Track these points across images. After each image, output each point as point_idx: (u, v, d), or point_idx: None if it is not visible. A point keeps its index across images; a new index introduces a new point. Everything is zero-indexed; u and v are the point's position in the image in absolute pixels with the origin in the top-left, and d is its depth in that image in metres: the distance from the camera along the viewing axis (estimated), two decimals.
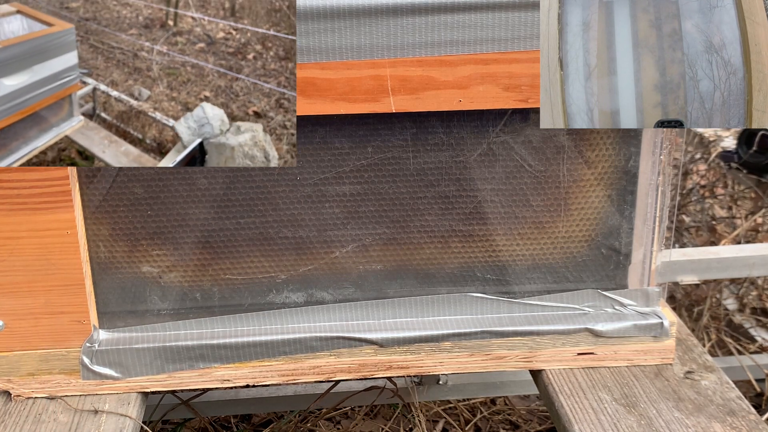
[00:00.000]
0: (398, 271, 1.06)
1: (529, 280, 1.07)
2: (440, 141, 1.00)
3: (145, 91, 1.26)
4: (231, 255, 1.03)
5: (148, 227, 1.01)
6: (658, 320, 1.07)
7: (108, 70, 1.33)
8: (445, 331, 1.05)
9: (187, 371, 1.05)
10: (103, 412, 1.01)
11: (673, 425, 0.98)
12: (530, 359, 1.08)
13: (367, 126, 0.99)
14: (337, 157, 1.00)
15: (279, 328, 1.06)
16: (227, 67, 1.29)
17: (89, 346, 1.02)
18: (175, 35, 1.43)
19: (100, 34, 1.45)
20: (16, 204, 0.95)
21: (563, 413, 1.01)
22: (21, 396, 1.04)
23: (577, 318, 1.07)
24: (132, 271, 1.03)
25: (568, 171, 1.03)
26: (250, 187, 1.00)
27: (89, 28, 1.46)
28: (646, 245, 1.06)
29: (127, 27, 1.46)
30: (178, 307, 1.05)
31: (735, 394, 1.04)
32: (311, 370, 1.06)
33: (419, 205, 1.03)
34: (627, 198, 1.04)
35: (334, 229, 1.03)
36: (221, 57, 1.33)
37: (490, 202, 1.03)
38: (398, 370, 1.07)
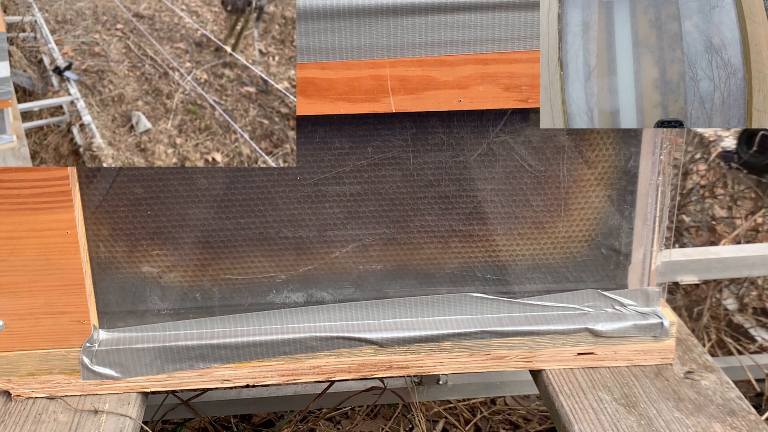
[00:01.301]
0: (398, 271, 1.06)
1: (529, 280, 1.07)
2: (440, 141, 1.00)
3: (145, 121, 1.10)
4: (231, 255, 1.03)
5: (148, 227, 1.01)
6: (658, 320, 1.07)
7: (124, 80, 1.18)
8: (445, 331, 1.05)
9: (187, 371, 1.05)
10: (103, 412, 1.01)
11: (673, 425, 0.98)
12: (530, 359, 1.08)
13: (367, 126, 0.99)
14: (337, 157, 1.00)
15: (279, 328, 1.06)
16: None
17: (89, 346, 1.02)
18: (225, 65, 1.19)
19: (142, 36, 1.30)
20: (16, 204, 0.95)
21: (563, 413, 1.01)
22: (21, 396, 1.04)
23: (577, 318, 1.07)
24: (132, 271, 1.03)
25: (568, 171, 1.03)
26: (250, 187, 1.00)
27: (135, 27, 1.31)
28: (646, 245, 1.06)
29: (179, 38, 1.28)
30: (178, 307, 1.05)
31: (735, 394, 1.04)
32: (311, 370, 1.06)
33: (419, 205, 1.03)
34: (627, 198, 1.04)
35: (334, 229, 1.03)
36: (265, 115, 1.07)
37: (490, 202, 1.03)
38: (398, 370, 1.07)
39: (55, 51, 1.30)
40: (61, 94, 1.21)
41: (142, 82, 1.17)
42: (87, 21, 1.33)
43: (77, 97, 1.20)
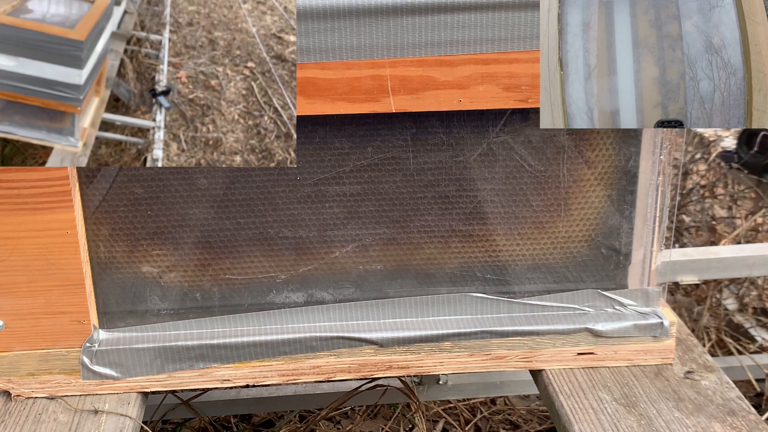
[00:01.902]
0: (398, 271, 1.06)
1: (529, 280, 1.07)
2: (440, 141, 1.00)
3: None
4: (231, 255, 1.03)
5: (148, 227, 1.01)
6: (658, 320, 1.07)
7: (230, 124, 1.01)
8: (445, 331, 1.05)
9: (187, 371, 1.05)
10: (103, 412, 1.01)
11: (673, 425, 0.98)
12: (530, 359, 1.08)
13: (367, 126, 0.99)
14: (337, 157, 1.00)
15: (279, 328, 1.06)
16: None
17: (89, 346, 1.02)
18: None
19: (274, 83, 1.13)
20: (16, 204, 0.95)
21: (563, 413, 1.01)
22: (21, 396, 1.04)
23: (577, 318, 1.07)
24: (132, 271, 1.03)
25: (568, 171, 1.03)
26: (250, 187, 1.00)
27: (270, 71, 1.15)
28: (646, 245, 1.06)
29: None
30: (178, 307, 1.05)
31: (735, 394, 1.04)
32: (311, 370, 1.06)
33: (419, 205, 1.03)
34: (627, 198, 1.04)
35: (334, 229, 1.03)
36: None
37: (490, 202, 1.03)
38: (398, 370, 1.07)
39: (164, 73, 1.23)
40: (148, 117, 1.14)
41: (252, 135, 1.02)
42: (216, 51, 1.24)
43: (159, 126, 1.14)
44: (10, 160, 1.00)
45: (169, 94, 1.17)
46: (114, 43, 1.23)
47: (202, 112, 1.12)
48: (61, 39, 0.88)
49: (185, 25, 1.30)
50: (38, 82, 0.92)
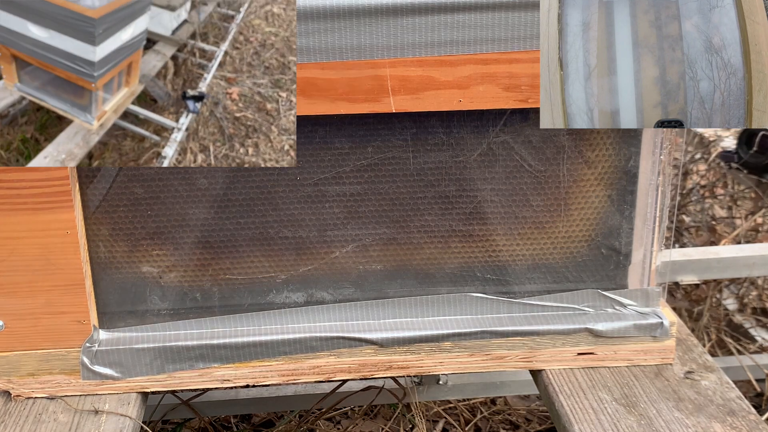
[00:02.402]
0: (398, 271, 1.06)
1: (529, 280, 1.07)
2: (440, 141, 1.00)
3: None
4: (231, 255, 1.03)
5: (148, 227, 1.01)
6: (658, 320, 1.07)
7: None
8: (445, 331, 1.05)
9: (187, 371, 1.05)
10: (103, 412, 1.01)
11: (673, 425, 0.98)
12: (530, 359, 1.08)
13: (367, 126, 0.99)
14: (337, 157, 1.00)
15: (279, 328, 1.06)
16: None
17: (89, 346, 1.02)
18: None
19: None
20: (16, 204, 0.95)
21: (563, 413, 1.01)
22: (21, 396, 1.04)
23: (577, 318, 1.07)
24: (132, 271, 1.03)
25: (568, 171, 1.03)
26: (250, 187, 1.00)
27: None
28: (646, 245, 1.06)
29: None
30: (178, 307, 1.05)
31: (735, 394, 1.04)
32: (311, 370, 1.06)
33: (419, 205, 1.03)
34: (627, 198, 1.04)
35: (334, 229, 1.03)
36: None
37: (490, 202, 1.03)
38: (398, 370, 1.07)
39: (206, 81, 1.24)
40: (173, 118, 1.16)
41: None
42: (285, 76, 1.20)
43: (180, 128, 1.13)
44: (45, 129, 1.08)
45: (202, 100, 1.18)
46: (163, 47, 1.28)
47: (245, 133, 1.09)
48: (77, 14, 0.94)
49: (257, 44, 1.29)
50: (63, 54, 0.98)
